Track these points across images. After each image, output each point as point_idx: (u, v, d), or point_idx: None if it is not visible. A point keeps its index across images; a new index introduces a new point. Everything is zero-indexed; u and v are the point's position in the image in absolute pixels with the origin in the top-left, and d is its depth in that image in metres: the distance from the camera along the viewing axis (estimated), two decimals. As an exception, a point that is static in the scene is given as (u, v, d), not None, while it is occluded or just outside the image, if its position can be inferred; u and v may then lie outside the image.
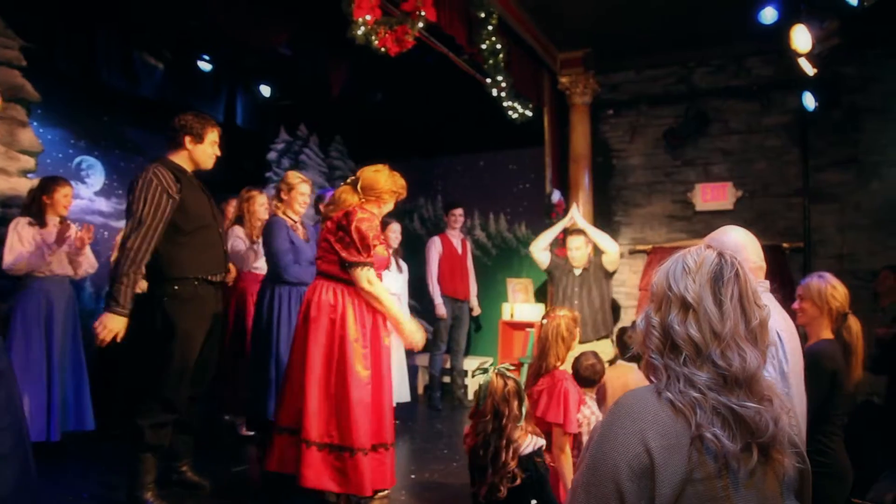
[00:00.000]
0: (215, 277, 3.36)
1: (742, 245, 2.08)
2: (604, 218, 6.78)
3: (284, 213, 4.15)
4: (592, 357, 3.61)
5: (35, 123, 5.07)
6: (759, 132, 6.22)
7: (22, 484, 1.96)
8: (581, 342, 4.58)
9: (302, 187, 4.15)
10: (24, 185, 4.57)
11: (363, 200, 3.25)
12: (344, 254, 3.09)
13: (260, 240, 4.42)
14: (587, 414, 3.41)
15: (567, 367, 3.16)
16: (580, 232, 5.38)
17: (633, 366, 3.88)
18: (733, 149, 6.32)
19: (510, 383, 2.61)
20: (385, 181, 3.28)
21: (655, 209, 6.65)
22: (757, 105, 6.22)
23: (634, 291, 6.61)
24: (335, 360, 3.07)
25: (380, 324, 3.23)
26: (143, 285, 4.42)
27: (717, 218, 6.25)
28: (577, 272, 5.36)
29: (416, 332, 3.24)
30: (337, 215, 3.18)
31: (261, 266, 4.57)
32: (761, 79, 6.19)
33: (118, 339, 3.05)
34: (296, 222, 4.18)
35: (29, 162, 4.88)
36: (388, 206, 3.38)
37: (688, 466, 1.12)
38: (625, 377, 3.68)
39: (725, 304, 1.20)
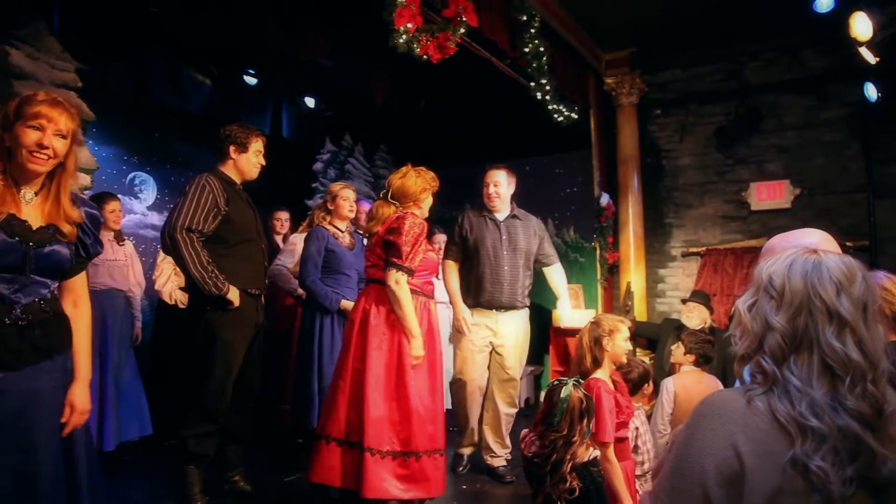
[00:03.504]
0: (254, 290, 3.41)
1: None
2: (654, 220, 6.66)
3: (330, 223, 4.24)
4: (641, 367, 3.54)
5: (91, 142, 5.26)
6: (817, 127, 6.00)
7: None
8: (502, 308, 4.13)
9: (344, 193, 4.25)
10: (81, 202, 4.75)
11: (402, 207, 3.33)
12: (385, 255, 3.22)
13: None
14: (636, 424, 3.35)
15: (603, 373, 3.08)
16: (500, 168, 4.36)
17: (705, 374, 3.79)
18: (789, 145, 6.11)
19: (586, 400, 2.59)
20: (414, 182, 3.36)
21: (708, 210, 6.48)
22: (813, 98, 6.00)
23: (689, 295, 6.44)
24: (395, 365, 3.15)
25: (435, 329, 3.32)
26: (183, 299, 4.55)
27: (774, 217, 6.08)
28: (501, 217, 4.27)
29: (418, 352, 3.15)
30: (386, 224, 3.27)
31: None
32: (817, 71, 5.97)
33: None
34: (341, 231, 4.24)
35: (85, 179, 5.04)
36: (428, 203, 3.46)
37: (782, 478, 1.05)
38: (704, 385, 3.61)
39: (872, 328, 1.11)
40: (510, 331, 4.17)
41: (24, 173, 1.97)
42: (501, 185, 4.22)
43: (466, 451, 4.27)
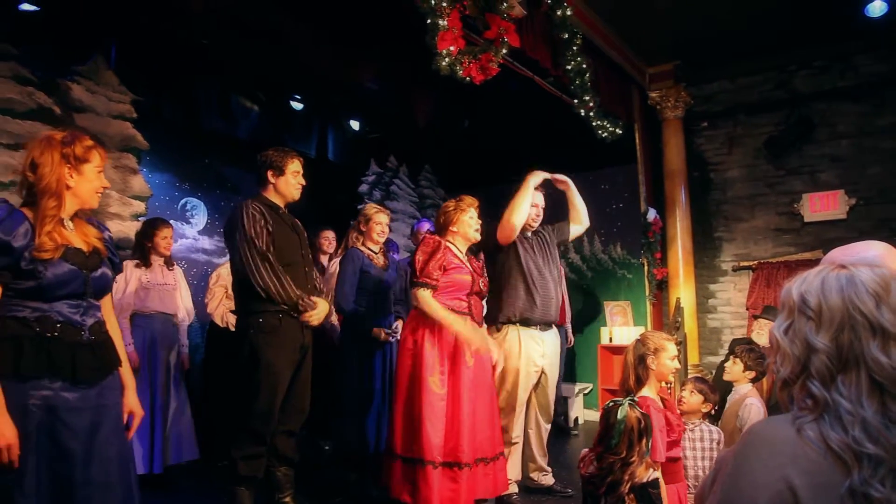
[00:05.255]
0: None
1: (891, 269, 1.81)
2: (704, 234, 6.54)
3: (364, 245, 4.28)
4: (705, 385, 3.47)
5: (144, 170, 5.43)
6: (873, 134, 5.81)
7: None
8: (547, 325, 4.04)
9: (378, 217, 4.29)
10: (135, 229, 4.90)
11: (444, 235, 3.61)
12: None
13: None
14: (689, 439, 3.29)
15: (650, 391, 3.01)
16: (540, 189, 4.24)
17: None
18: (843, 154, 5.93)
19: (644, 420, 2.54)
20: (450, 204, 3.65)
21: (759, 223, 6.33)
22: (868, 105, 5.82)
23: (741, 311, 6.29)
24: (413, 377, 3.34)
25: (463, 346, 3.38)
26: (235, 322, 4.62)
27: (829, 229, 5.89)
28: (529, 235, 4.17)
29: (471, 336, 3.34)
30: None
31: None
32: (872, 77, 5.80)
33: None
34: (375, 253, 4.29)
35: (140, 206, 5.23)
36: (469, 223, 3.61)
37: None
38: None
39: None
40: (553, 349, 4.10)
41: (73, 207, 2.16)
42: (541, 206, 4.22)
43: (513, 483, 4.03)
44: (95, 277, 2.12)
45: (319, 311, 3.38)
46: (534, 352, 3.95)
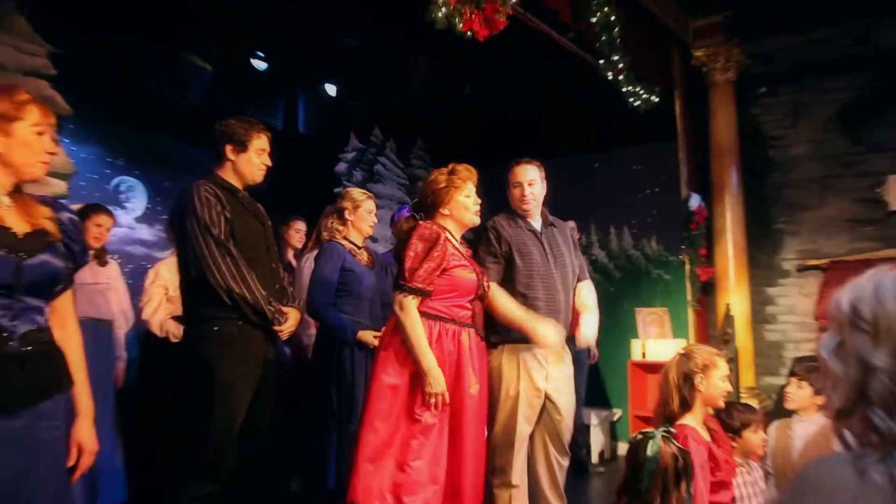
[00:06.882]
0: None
1: None
2: (760, 226, 6.47)
3: (345, 237, 4.22)
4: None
5: (66, 141, 5.31)
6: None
7: None
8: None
9: (368, 204, 4.29)
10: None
11: (433, 218, 3.42)
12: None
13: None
14: (740, 483, 3.22)
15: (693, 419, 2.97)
16: (531, 162, 3.95)
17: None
18: (940, 127, 5.84)
19: (682, 456, 2.46)
20: (440, 178, 3.41)
21: (832, 211, 6.23)
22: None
23: (808, 321, 6.21)
24: (402, 405, 3.21)
25: (465, 365, 3.30)
26: (176, 331, 4.51)
27: (921, 219, 5.79)
28: (537, 226, 3.98)
29: (435, 388, 3.15)
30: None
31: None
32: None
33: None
34: (359, 247, 4.24)
35: (60, 186, 5.05)
36: (465, 204, 3.44)
37: None
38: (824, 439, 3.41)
39: None
40: (561, 371, 3.90)
41: (7, 179, 2.10)
42: (537, 184, 3.88)
43: None
44: (32, 266, 2.03)
45: (290, 323, 3.39)
46: (536, 374, 3.76)
